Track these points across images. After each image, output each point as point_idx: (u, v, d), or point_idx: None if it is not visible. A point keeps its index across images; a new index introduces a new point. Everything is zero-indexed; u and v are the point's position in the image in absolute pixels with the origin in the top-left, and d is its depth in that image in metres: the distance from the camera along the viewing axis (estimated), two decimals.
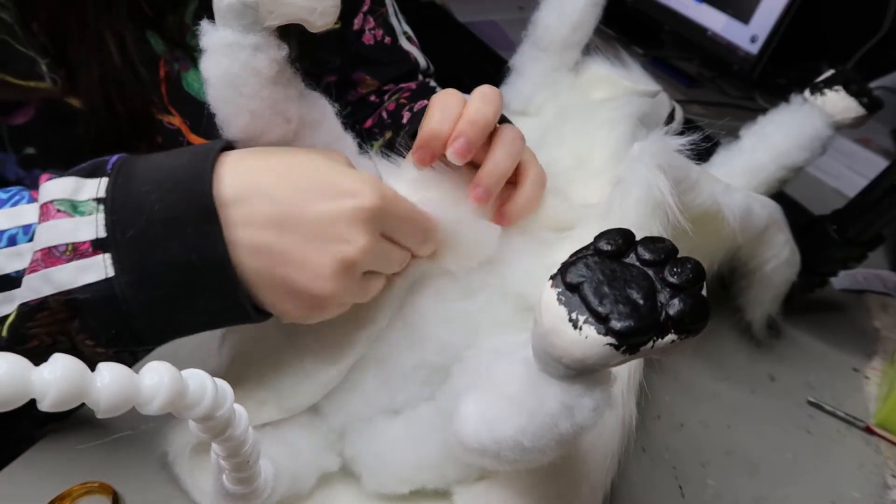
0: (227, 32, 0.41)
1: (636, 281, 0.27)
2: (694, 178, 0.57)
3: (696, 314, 0.26)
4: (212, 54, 0.42)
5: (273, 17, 0.41)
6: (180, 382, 0.28)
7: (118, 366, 0.26)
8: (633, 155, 0.54)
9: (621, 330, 0.26)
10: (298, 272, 0.41)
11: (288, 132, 0.46)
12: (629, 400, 0.51)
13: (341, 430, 0.52)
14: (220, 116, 0.44)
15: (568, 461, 0.46)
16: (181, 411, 0.29)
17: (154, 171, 0.41)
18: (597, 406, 0.30)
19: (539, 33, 0.77)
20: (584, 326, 0.26)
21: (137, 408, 0.27)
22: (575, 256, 0.28)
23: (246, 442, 0.35)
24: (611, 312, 0.26)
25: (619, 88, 0.78)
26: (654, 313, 0.26)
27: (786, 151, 0.71)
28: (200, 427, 0.32)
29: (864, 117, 0.70)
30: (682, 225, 0.54)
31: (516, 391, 0.33)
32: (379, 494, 0.51)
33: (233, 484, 0.38)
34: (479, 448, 0.35)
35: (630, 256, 0.29)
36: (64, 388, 0.24)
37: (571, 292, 0.27)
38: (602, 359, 0.27)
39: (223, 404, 0.31)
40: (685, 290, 0.27)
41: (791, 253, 0.69)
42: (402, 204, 0.45)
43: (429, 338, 0.50)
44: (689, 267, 0.27)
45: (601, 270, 0.27)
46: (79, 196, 0.40)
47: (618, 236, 0.29)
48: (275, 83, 0.44)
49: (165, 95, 0.63)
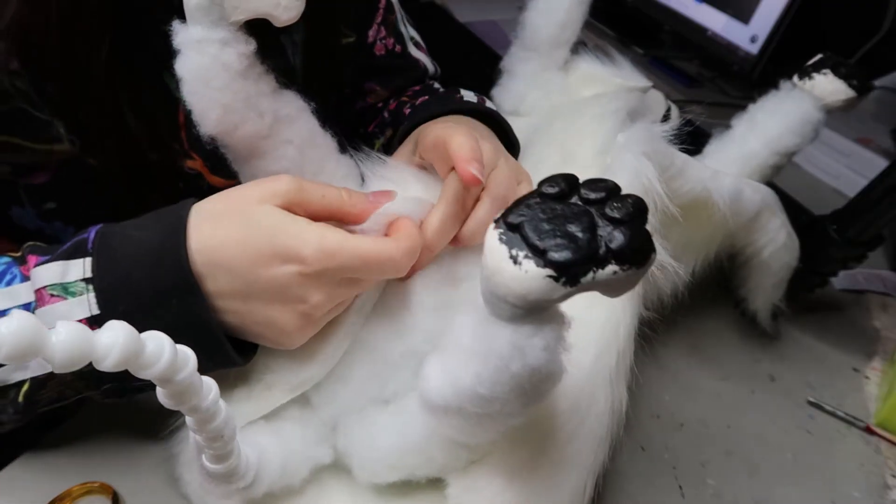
0: (197, 29, 0.43)
1: (576, 217, 0.27)
2: (680, 165, 0.57)
3: (636, 245, 0.26)
4: (184, 52, 0.44)
5: (238, 13, 0.43)
6: (137, 342, 0.29)
7: (74, 323, 0.27)
8: (619, 144, 0.54)
9: (559, 261, 0.26)
10: (268, 331, 0.45)
11: (262, 127, 0.47)
12: (619, 384, 0.50)
13: (333, 422, 0.52)
14: (195, 112, 0.45)
15: (554, 441, 0.46)
16: (137, 370, 0.29)
17: (131, 246, 0.43)
18: (547, 345, 0.30)
19: (527, 33, 0.78)
20: (523, 262, 0.27)
21: (94, 364, 0.27)
22: (518, 200, 0.29)
23: (216, 415, 0.36)
24: (549, 246, 0.26)
25: (610, 85, 0.78)
26: (592, 244, 0.26)
27: (777, 137, 0.70)
28: (163, 392, 0.32)
29: (854, 99, 0.69)
30: (671, 211, 0.54)
31: (470, 340, 0.33)
32: (372, 486, 0.51)
33: (211, 462, 0.39)
34: (443, 404, 0.35)
35: (574, 198, 0.29)
36: (19, 341, 0.25)
37: (512, 231, 0.27)
38: (544, 292, 0.27)
39: (183, 368, 0.31)
40: (626, 223, 0.27)
41: (788, 237, 0.68)
42: (350, 251, 0.43)
43: (416, 326, 0.50)
44: (630, 202, 0.28)
45: (542, 209, 0.28)
46: (67, 278, 0.43)
47: (561, 179, 0.29)
48: (244, 77, 0.45)
49: (185, 141, 0.62)
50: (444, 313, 0.50)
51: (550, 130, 0.69)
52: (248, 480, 0.43)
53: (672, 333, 0.76)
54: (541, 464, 0.46)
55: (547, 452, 0.46)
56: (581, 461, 0.47)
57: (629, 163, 0.52)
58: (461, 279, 0.52)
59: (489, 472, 0.46)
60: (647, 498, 0.59)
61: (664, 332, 0.74)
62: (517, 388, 0.32)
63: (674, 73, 1.39)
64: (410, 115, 0.70)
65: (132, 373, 0.29)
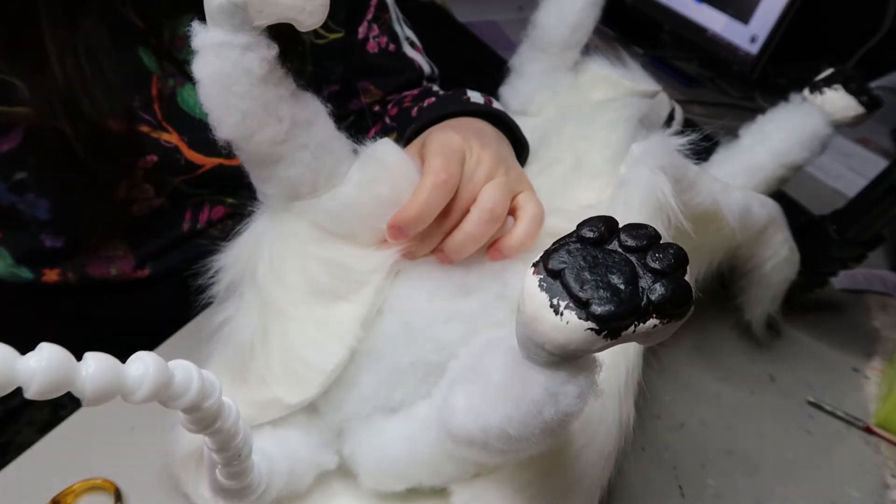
0: (218, 32, 0.42)
1: (618, 267, 0.27)
2: (692, 178, 0.57)
3: (677, 298, 0.26)
4: (203, 54, 0.42)
5: (262, 17, 0.41)
6: (166, 372, 0.28)
7: (104, 355, 0.26)
8: (634, 156, 0.54)
9: (602, 314, 0.26)
10: None
11: (279, 132, 0.46)
12: (627, 400, 0.51)
13: (339, 428, 0.52)
14: (212, 116, 0.44)
15: (564, 458, 0.46)
16: (167, 401, 0.29)
17: None
18: (581, 393, 0.30)
19: (538, 34, 0.77)
20: (565, 312, 0.26)
21: (123, 397, 0.27)
22: (557, 244, 0.28)
23: (236, 435, 0.35)
24: (592, 297, 0.26)
25: (619, 88, 0.78)
26: (635, 298, 0.26)
27: (785, 150, 0.70)
28: (189, 419, 0.32)
29: (863, 116, 0.69)
30: (683, 226, 0.54)
31: (501, 380, 0.33)
32: (376, 493, 0.51)
33: (226, 479, 0.38)
34: (467, 438, 0.35)
35: (613, 243, 0.29)
36: (49, 376, 0.24)
37: (553, 279, 0.27)
38: (584, 344, 0.27)
39: (210, 395, 0.31)
40: (667, 274, 0.27)
41: (790, 252, 0.68)
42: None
43: (426, 337, 0.50)
44: (672, 252, 0.27)
45: (583, 257, 0.27)
46: None
47: (600, 223, 0.29)
48: (265, 82, 0.44)
49: (159, 112, 0.63)
50: (454, 324, 0.50)
51: (562, 133, 0.69)
52: (259, 493, 0.42)
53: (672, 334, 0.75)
54: (550, 479, 0.46)
55: (556, 468, 0.46)
56: (590, 477, 0.47)
57: (645, 177, 0.52)
58: (471, 290, 0.52)
59: (496, 485, 0.46)
60: (647, 498, 0.60)
61: None
62: (546, 430, 0.32)
63: (674, 73, 1.39)
64: (418, 117, 0.70)
65: (161, 404, 0.29)
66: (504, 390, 0.32)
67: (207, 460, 0.38)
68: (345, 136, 0.53)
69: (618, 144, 0.64)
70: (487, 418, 0.33)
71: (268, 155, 0.48)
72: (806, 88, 0.71)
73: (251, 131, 0.45)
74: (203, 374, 0.31)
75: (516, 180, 0.55)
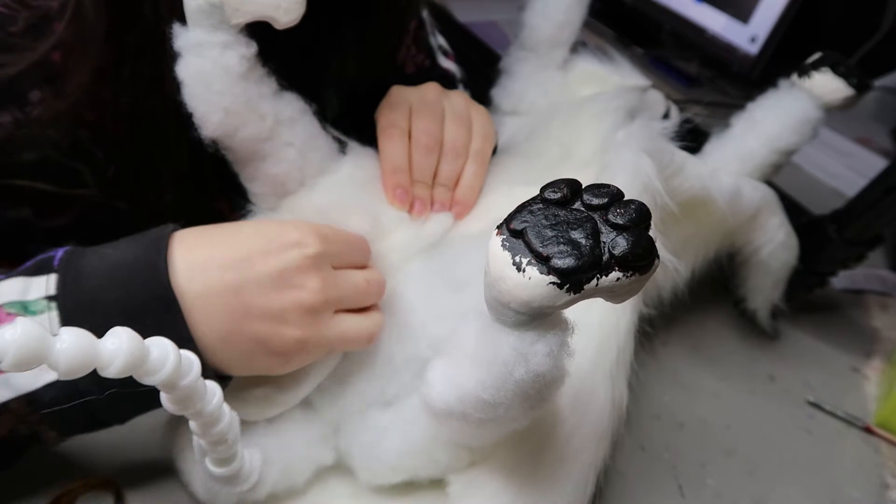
0: (197, 32, 0.43)
1: (579, 223, 0.27)
2: (679, 162, 0.57)
3: (639, 251, 0.27)
4: (184, 55, 0.44)
5: (239, 15, 0.43)
6: (141, 348, 0.29)
7: (78, 329, 0.27)
8: (619, 141, 0.54)
9: (563, 268, 0.26)
10: (264, 325, 0.42)
11: (262, 129, 0.48)
12: (619, 379, 0.51)
13: (336, 424, 0.52)
14: (196, 115, 0.45)
15: (556, 439, 0.46)
16: (142, 376, 0.29)
17: (104, 264, 0.41)
18: (551, 351, 0.31)
19: (526, 33, 0.78)
20: (527, 268, 0.27)
21: (98, 371, 0.28)
22: (521, 206, 0.29)
23: (220, 419, 0.36)
24: (553, 253, 0.26)
25: (608, 84, 0.78)
26: (595, 250, 0.26)
27: (776, 135, 0.70)
28: (168, 397, 0.32)
29: (853, 98, 0.69)
30: (670, 208, 0.54)
31: (474, 347, 0.33)
32: (374, 487, 0.51)
33: (215, 466, 0.39)
34: (445, 409, 0.36)
35: (576, 203, 0.29)
36: (24, 348, 0.25)
37: (515, 238, 0.28)
38: (547, 299, 0.27)
39: (187, 374, 0.31)
40: (629, 228, 0.27)
41: (787, 236, 0.68)
42: (339, 235, 0.48)
43: (420, 332, 0.50)
44: (633, 207, 0.28)
45: (545, 216, 0.28)
46: (28, 296, 0.39)
47: (563, 184, 0.29)
48: (245, 80, 0.45)
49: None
50: (448, 319, 0.50)
51: (549, 127, 0.69)
52: (251, 483, 0.43)
53: (672, 334, 0.76)
54: (542, 460, 0.46)
55: (548, 449, 0.46)
56: (582, 457, 0.47)
57: (628, 160, 0.52)
58: (464, 284, 0.52)
59: (490, 468, 0.47)
60: (647, 498, 0.59)
61: (664, 332, 0.75)
62: (521, 394, 0.32)
63: (674, 73, 1.39)
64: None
65: (137, 379, 0.29)
66: (476, 355, 0.33)
67: (197, 448, 0.39)
68: (328, 135, 0.54)
69: (605, 135, 0.64)
70: (462, 386, 0.34)
71: (254, 153, 0.49)
72: (794, 73, 0.71)
73: (234, 128, 0.46)
74: (182, 353, 0.32)
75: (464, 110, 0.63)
